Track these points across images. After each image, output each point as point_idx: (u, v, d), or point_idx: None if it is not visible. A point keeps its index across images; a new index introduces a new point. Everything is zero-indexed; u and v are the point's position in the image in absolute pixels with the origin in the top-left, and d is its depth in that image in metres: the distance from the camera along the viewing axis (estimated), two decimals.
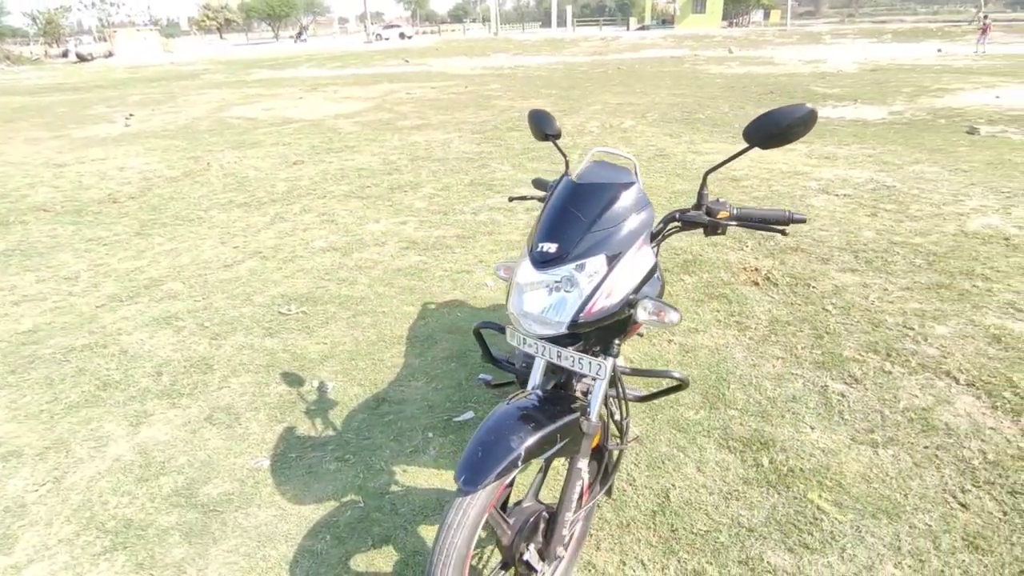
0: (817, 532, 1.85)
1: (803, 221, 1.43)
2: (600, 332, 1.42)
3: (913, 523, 1.86)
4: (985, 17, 26.29)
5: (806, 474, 2.07)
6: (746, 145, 1.35)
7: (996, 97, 11.08)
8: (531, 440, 1.29)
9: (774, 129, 1.29)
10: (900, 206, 4.75)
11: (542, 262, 1.35)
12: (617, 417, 1.63)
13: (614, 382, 1.55)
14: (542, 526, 1.48)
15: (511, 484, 1.45)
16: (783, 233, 1.43)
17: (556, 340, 1.41)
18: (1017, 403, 2.37)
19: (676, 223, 1.47)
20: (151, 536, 1.94)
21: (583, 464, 1.46)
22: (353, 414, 2.53)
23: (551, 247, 1.35)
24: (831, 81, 14.27)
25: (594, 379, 1.43)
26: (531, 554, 1.44)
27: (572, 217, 1.37)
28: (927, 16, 59.02)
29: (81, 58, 39.51)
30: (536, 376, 1.53)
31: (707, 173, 1.44)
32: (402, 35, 46.96)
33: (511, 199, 2.09)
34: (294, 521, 1.98)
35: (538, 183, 2.00)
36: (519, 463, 1.27)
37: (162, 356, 3.04)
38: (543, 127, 1.78)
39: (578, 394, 1.59)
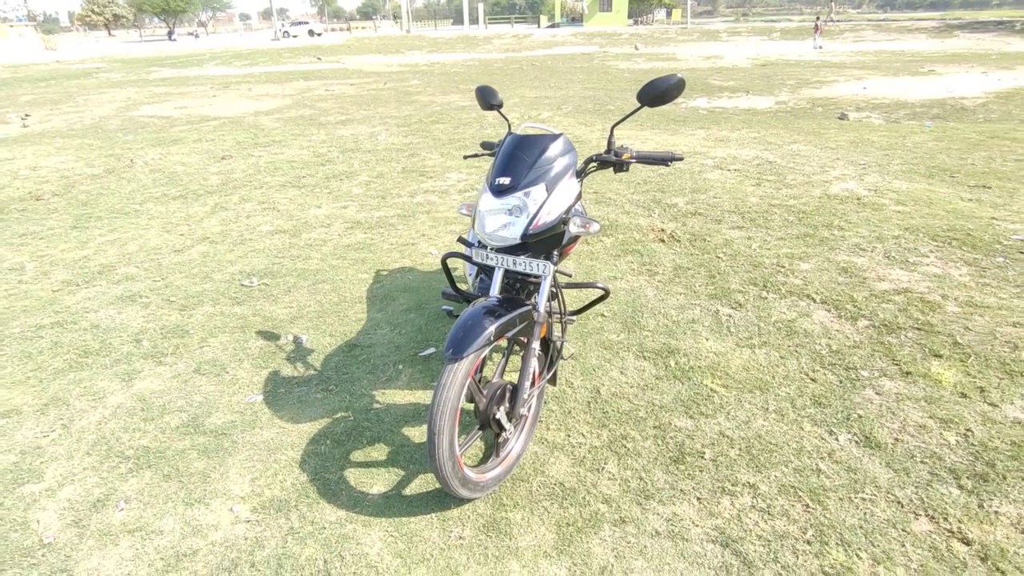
0: (710, 405, 2.44)
1: (681, 159, 1.99)
2: (542, 244, 1.92)
3: (778, 393, 2.50)
4: (817, 18, 30.32)
5: (703, 369, 2.67)
6: (639, 105, 1.89)
7: (864, 88, 12.61)
8: (499, 323, 1.77)
9: (657, 92, 1.83)
10: (779, 177, 5.59)
11: (499, 191, 1.84)
12: (558, 316, 2.14)
13: (555, 295, 2.05)
14: (508, 395, 1.96)
15: (483, 365, 1.93)
16: (666, 165, 1.98)
17: (512, 252, 1.90)
18: (855, 312, 3.10)
19: (594, 163, 2.00)
20: (170, 456, 2.27)
21: (536, 345, 1.96)
22: (329, 357, 2.91)
23: (506, 180, 1.84)
24: (727, 75, 15.59)
25: (539, 278, 1.93)
26: (501, 415, 1.92)
27: (519, 159, 1.87)
28: (811, 15, 64.10)
29: None
30: (495, 287, 2.00)
31: (613, 127, 1.99)
32: (311, 32, 45.85)
33: (465, 157, 2.57)
34: (295, 435, 2.36)
35: (485, 144, 2.47)
36: (491, 339, 1.75)
37: (136, 327, 3.27)
38: (488, 99, 2.25)
39: (526, 299, 2.08)
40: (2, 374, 2.87)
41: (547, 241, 1.91)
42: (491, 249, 1.94)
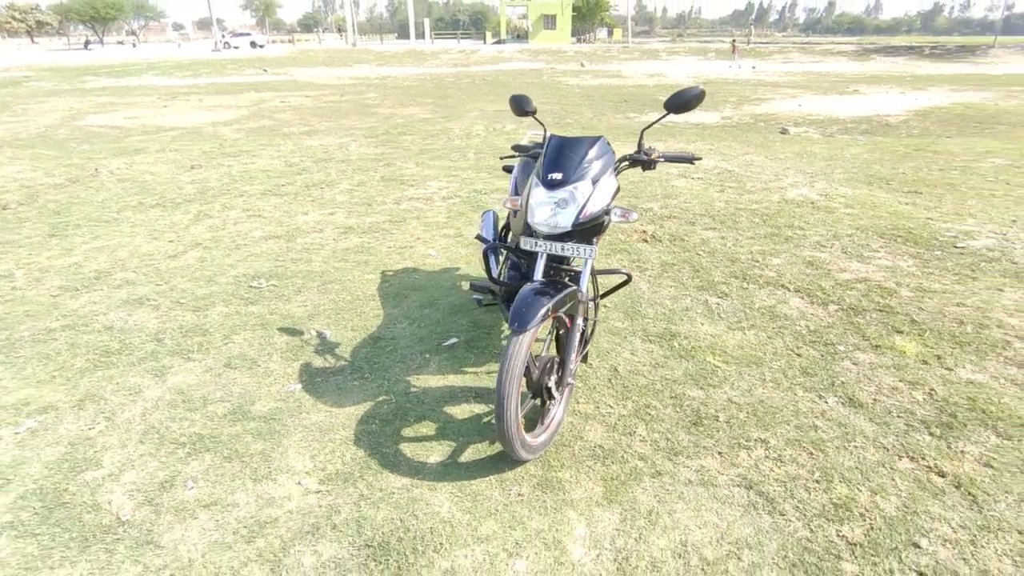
0: (715, 378, 2.76)
1: (700, 159, 2.31)
2: (586, 232, 2.19)
3: (771, 366, 2.84)
4: (734, 40, 33.82)
5: (703, 348, 3.00)
6: (665, 112, 2.20)
7: (799, 105, 13.59)
8: (554, 300, 2.02)
9: (681, 101, 2.14)
10: (739, 184, 6.08)
11: (552, 185, 2.09)
12: (591, 299, 2.41)
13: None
14: (556, 367, 2.20)
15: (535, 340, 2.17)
16: (691, 163, 2.30)
17: (559, 239, 2.15)
18: (825, 298, 3.51)
19: (626, 161, 2.29)
20: (226, 440, 2.39)
21: (580, 321, 2.22)
22: (357, 349, 3.07)
23: (557, 175, 2.10)
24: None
25: (582, 261, 2.19)
26: (552, 384, 2.17)
27: (568, 157, 2.13)
28: (741, 37, 67.74)
29: None
30: (539, 271, 2.25)
31: (643, 131, 2.28)
32: (253, 44, 44.93)
33: (502, 158, 2.83)
34: (343, 417, 2.52)
35: (518, 147, 2.70)
36: (549, 313, 2.00)
37: (153, 327, 3.33)
38: (524, 106, 2.49)
39: (567, 280, 2.34)
40: (24, 374, 2.89)
41: (591, 229, 2.18)
42: (540, 236, 2.19)
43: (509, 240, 3.27)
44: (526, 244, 2.22)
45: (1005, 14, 68.29)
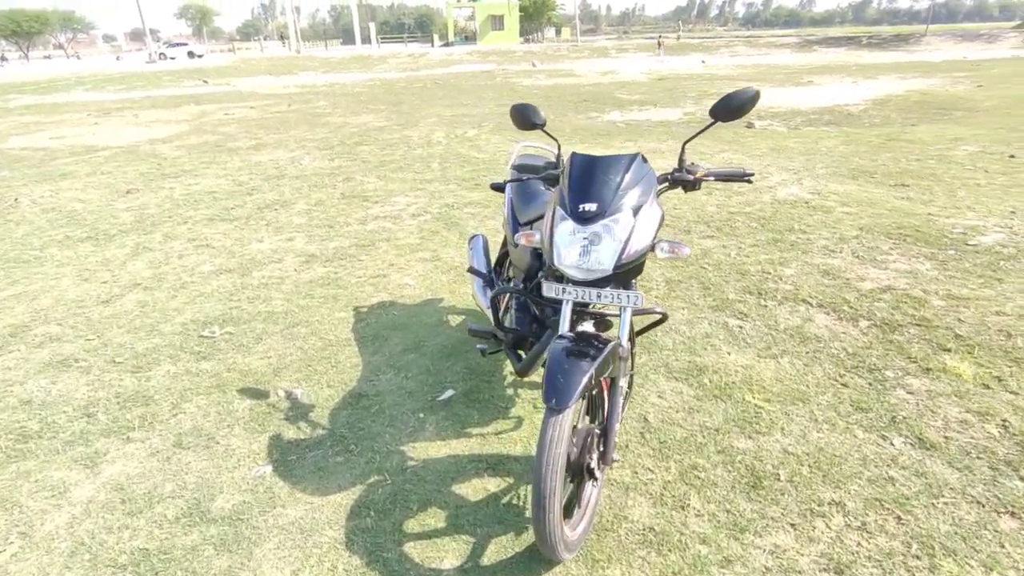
0: (760, 422, 2.38)
1: (752, 175, 1.91)
2: (626, 274, 1.77)
3: (819, 402, 2.49)
4: (660, 36, 34.58)
5: (738, 385, 2.62)
6: (712, 120, 1.80)
7: None
8: (596, 364, 1.59)
9: (734, 106, 1.74)
10: (726, 185, 5.79)
11: (584, 219, 1.67)
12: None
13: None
14: (597, 441, 1.78)
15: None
16: (749, 182, 1.90)
17: (594, 284, 1.73)
18: (854, 313, 3.19)
19: (666, 183, 1.88)
20: (180, 557, 1.87)
21: (623, 383, 1.80)
22: (336, 412, 2.58)
23: (591, 206, 1.67)
24: (631, 89, 16.24)
25: (623, 309, 1.77)
26: (594, 463, 1.74)
27: (602, 182, 1.70)
28: (686, 33, 69.03)
29: None
30: (565, 323, 1.82)
31: (684, 143, 1.88)
32: (191, 54, 43.02)
33: (493, 186, 2.39)
34: (329, 511, 2.04)
35: (524, 168, 2.19)
36: (592, 381, 1.57)
37: (82, 397, 2.76)
38: (531, 117, 2.03)
39: (597, 331, 1.91)
40: None
41: (633, 270, 1.76)
42: (568, 281, 1.76)
43: (507, 271, 2.83)
44: (550, 291, 1.78)
45: (930, 3, 71.43)
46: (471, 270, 2.78)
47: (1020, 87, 13.29)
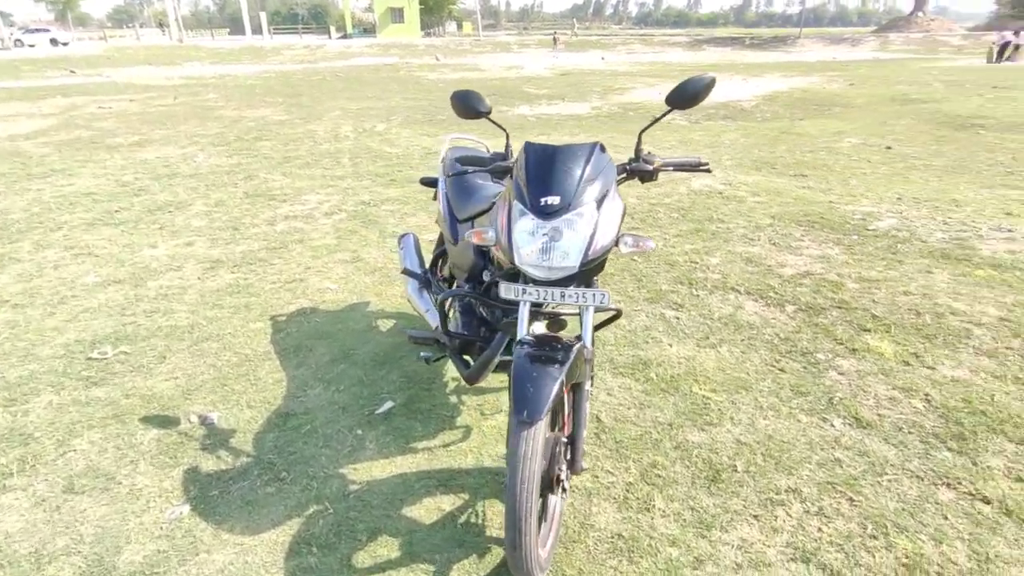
0: (710, 412, 2.38)
1: (707, 164, 1.87)
2: (589, 272, 1.66)
3: (761, 389, 2.53)
4: (555, 33, 36.26)
5: (683, 377, 2.62)
6: (668, 108, 1.74)
7: (659, 93, 14.04)
8: (565, 369, 1.48)
9: (689, 94, 1.69)
10: None
11: (547, 213, 1.54)
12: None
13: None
14: (566, 449, 1.67)
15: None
16: (707, 171, 1.86)
17: (557, 283, 1.61)
18: (779, 298, 3.30)
19: (624, 173, 1.80)
20: None
21: (589, 387, 1.70)
22: (261, 436, 2.31)
23: (554, 200, 1.54)
24: (537, 84, 16.34)
25: (584, 309, 1.67)
26: (564, 474, 1.63)
27: (563, 172, 1.58)
28: (583, 31, 70.96)
29: None
30: (523, 326, 1.70)
31: (641, 132, 1.80)
32: (54, 41, 38.60)
33: (422, 180, 2.19)
34: (264, 551, 1.80)
35: (468, 160, 2.02)
36: (563, 388, 1.46)
37: None
38: (474, 105, 1.85)
39: (559, 334, 1.80)
40: None
41: (596, 267, 1.65)
42: (526, 281, 1.64)
43: (447, 272, 2.67)
44: (508, 293, 1.64)
45: (800, 8, 77.69)
46: (405, 271, 2.59)
47: (884, 86, 14.66)
